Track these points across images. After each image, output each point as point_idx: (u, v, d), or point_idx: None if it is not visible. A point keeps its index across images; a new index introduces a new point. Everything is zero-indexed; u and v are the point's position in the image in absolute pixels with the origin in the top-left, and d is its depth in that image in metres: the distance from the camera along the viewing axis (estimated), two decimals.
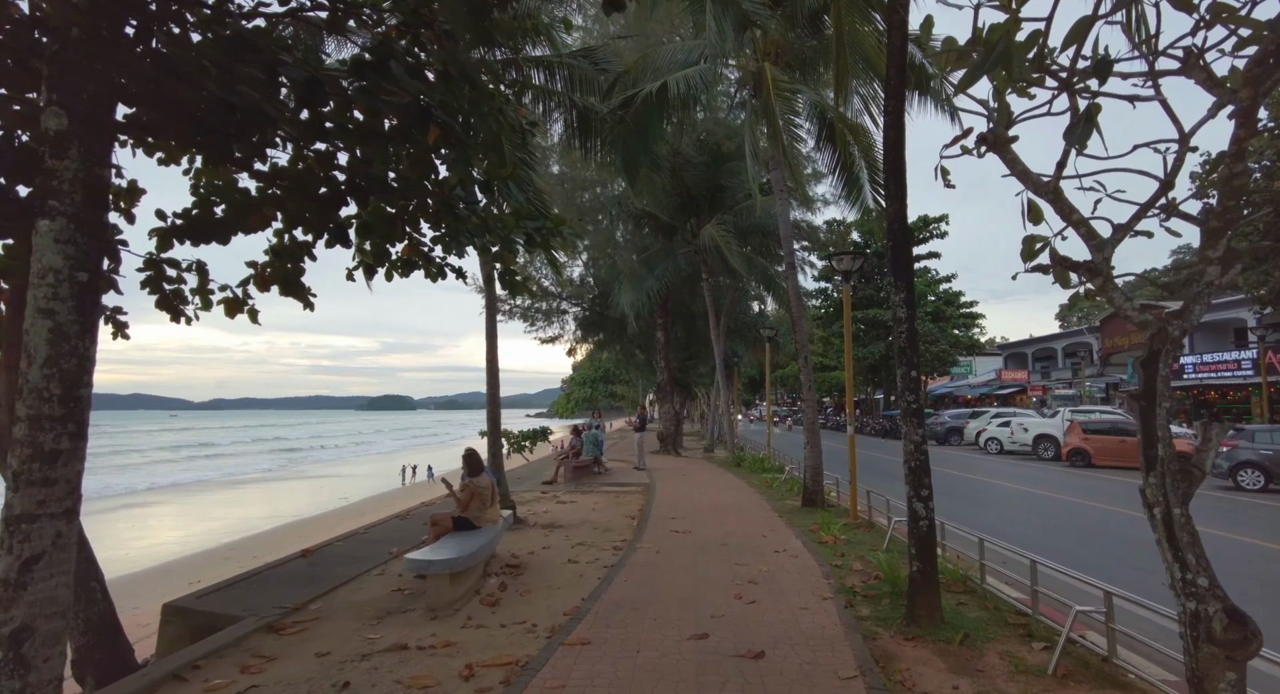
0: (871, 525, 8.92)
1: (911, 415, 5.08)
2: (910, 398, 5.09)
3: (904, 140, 5.35)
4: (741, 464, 17.40)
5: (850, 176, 12.29)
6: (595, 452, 15.41)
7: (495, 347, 9.75)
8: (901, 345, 5.10)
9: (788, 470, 14.62)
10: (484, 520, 6.49)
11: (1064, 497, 12.91)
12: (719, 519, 9.41)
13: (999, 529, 9.43)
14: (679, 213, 18.72)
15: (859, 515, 9.24)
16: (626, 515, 10.10)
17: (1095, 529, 9.67)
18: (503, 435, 19.22)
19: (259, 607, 5.33)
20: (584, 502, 11.58)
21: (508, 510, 7.72)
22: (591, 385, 48.03)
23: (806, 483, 10.43)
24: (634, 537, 8.34)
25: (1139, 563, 7.53)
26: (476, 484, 6.40)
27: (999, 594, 5.60)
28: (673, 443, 21.35)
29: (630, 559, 6.97)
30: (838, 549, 7.54)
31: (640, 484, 13.64)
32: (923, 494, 5.02)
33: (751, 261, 18.65)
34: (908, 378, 5.10)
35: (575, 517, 10.07)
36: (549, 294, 24.54)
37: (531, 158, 10.11)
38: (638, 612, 5.20)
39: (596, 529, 9.05)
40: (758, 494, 12.22)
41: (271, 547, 14.23)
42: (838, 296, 45.67)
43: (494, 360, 9.71)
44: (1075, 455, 19.03)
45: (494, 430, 9.65)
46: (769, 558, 7.04)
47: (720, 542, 7.86)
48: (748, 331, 26.77)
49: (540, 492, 12.57)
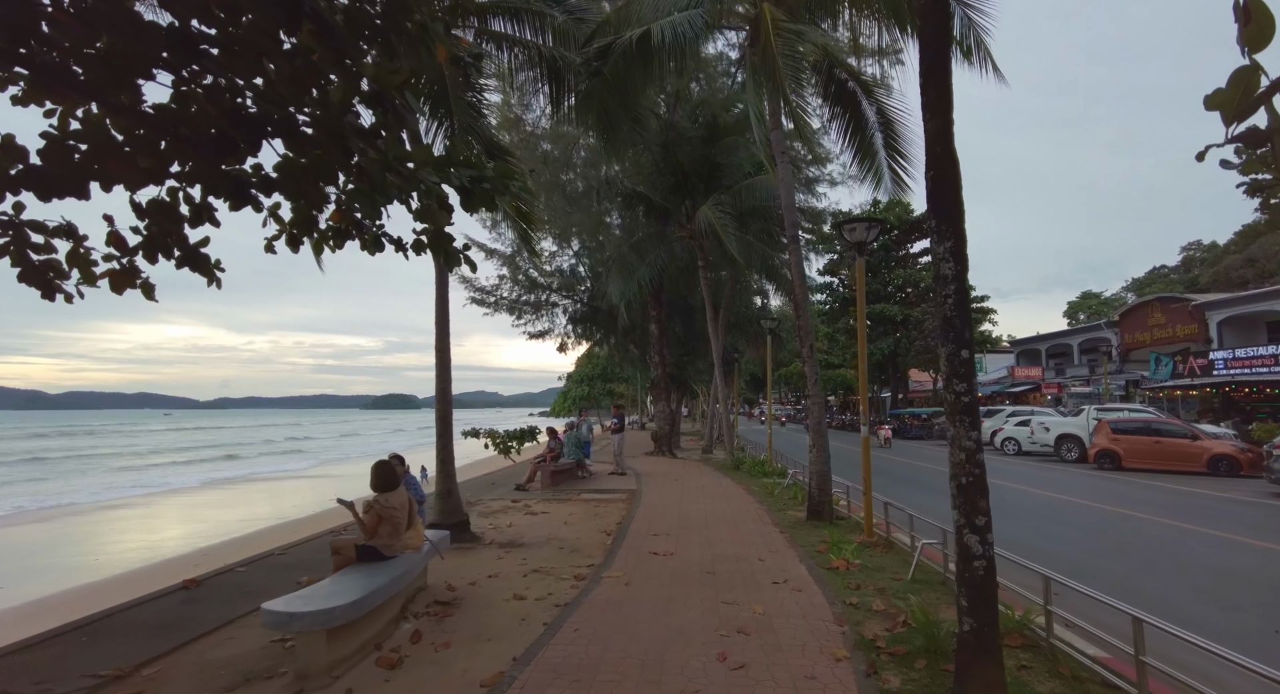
0: (890, 545, 7.47)
1: (962, 413, 3.63)
2: (960, 387, 3.64)
3: (949, 32, 3.89)
4: (740, 467, 15.95)
5: (863, 142, 10.82)
6: (578, 454, 13.98)
7: (446, 330, 8.32)
8: (948, 314, 3.65)
9: (791, 475, 13.16)
10: (397, 548, 5.06)
11: (1103, 505, 11.41)
12: (709, 536, 7.96)
13: (1035, 547, 7.96)
14: (672, 194, 17.22)
15: (874, 532, 7.78)
16: (602, 530, 8.67)
17: (1154, 549, 8.19)
18: (487, 435, 17.93)
19: (65, 673, 3.91)
20: (557, 512, 10.14)
21: (443, 531, 6.29)
22: (590, 383, 46.60)
23: (812, 492, 8.98)
24: (603, 560, 6.91)
25: (1229, 598, 6.05)
26: (385, 504, 4.97)
27: (1077, 656, 4.14)
28: (668, 444, 19.89)
29: (591, 596, 5.53)
30: (851, 578, 6.09)
31: (625, 491, 12.21)
32: (978, 523, 3.57)
33: (751, 248, 17.15)
34: (956, 360, 3.64)
35: (542, 531, 8.64)
36: (537, 285, 23.13)
37: (480, 99, 8.73)
38: (579, 687, 3.76)
39: (562, 549, 7.62)
40: (756, 503, 10.77)
41: (246, 551, 12.84)
42: (844, 291, 44.12)
43: (445, 346, 8.27)
44: (1103, 457, 17.51)
45: (444, 431, 8.21)
46: (766, 593, 5.60)
47: (707, 568, 6.42)
48: (749, 326, 25.27)
49: (510, 501, 11.15)
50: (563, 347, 24.86)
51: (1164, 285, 53.95)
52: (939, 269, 3.69)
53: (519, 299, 22.84)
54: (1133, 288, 70.72)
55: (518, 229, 10.46)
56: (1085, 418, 20.26)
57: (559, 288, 23.28)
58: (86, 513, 18.94)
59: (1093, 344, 37.50)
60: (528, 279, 22.73)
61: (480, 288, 22.03)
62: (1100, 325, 36.86)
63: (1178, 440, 16.41)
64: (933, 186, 3.77)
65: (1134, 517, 10.30)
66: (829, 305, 44.92)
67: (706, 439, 23.35)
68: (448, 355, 8.28)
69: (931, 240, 3.79)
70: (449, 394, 8.25)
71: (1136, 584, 6.54)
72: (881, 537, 7.77)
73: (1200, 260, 64.83)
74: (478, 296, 21.88)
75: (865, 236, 7.86)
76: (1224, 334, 27.34)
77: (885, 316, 39.70)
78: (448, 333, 8.34)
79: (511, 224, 10.03)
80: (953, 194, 3.73)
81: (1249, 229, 60.47)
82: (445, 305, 8.32)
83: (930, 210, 3.78)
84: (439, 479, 8.09)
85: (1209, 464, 15.58)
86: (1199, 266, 62.66)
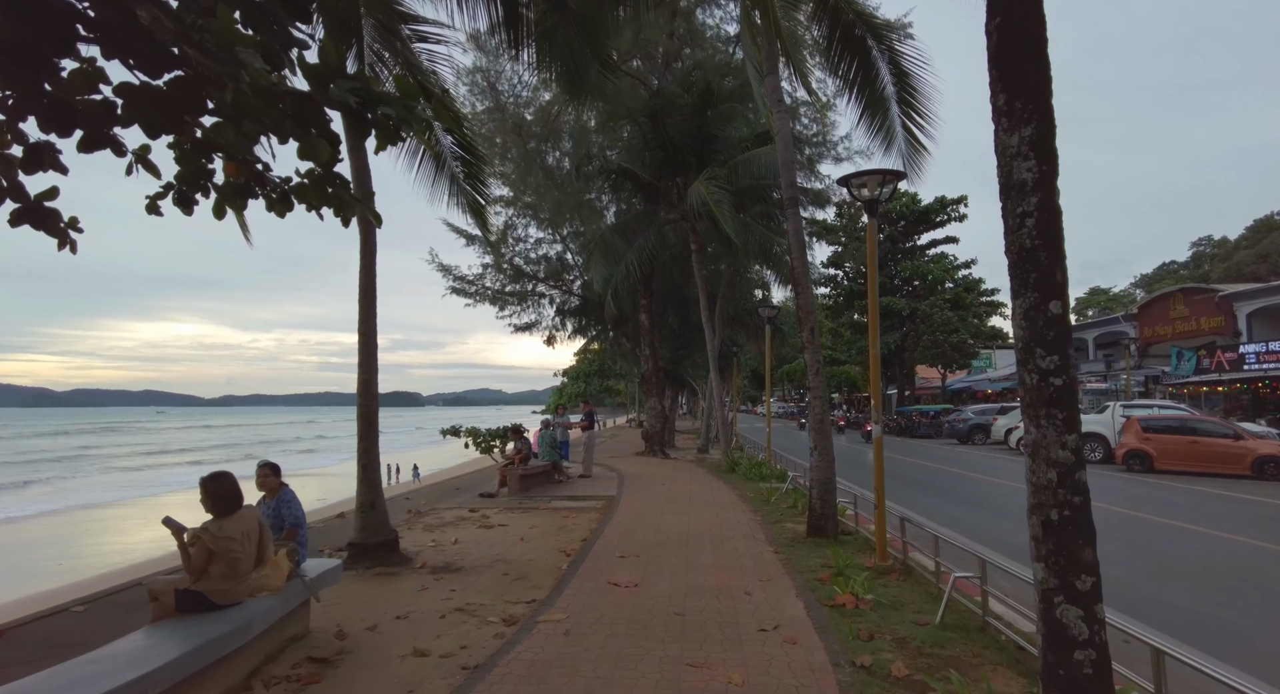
0: (909, 571, 6.05)
1: (1049, 404, 2.22)
2: (1047, 362, 2.23)
3: None
4: (736, 470, 14.53)
5: (873, 97, 9.39)
6: (552, 456, 12.58)
7: (373, 308, 6.90)
8: (1026, 245, 2.24)
9: (791, 478, 11.75)
10: (238, 593, 3.67)
11: (1145, 514, 9.97)
12: (687, 558, 6.56)
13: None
14: (662, 171, 15.75)
15: (889, 555, 6.36)
16: (562, 549, 7.27)
17: (1228, 572, 6.74)
18: (468, 434, 16.55)
19: None
20: (517, 525, 8.75)
21: (332, 561, 4.90)
22: (586, 380, 45.24)
23: (814, 502, 7.56)
24: (550, 593, 5.51)
25: None
26: (218, 533, 3.58)
27: None
28: (659, 443, 18.47)
29: (513, 653, 4.13)
30: (862, 622, 4.68)
31: (602, 497, 10.81)
32: (1080, 586, 2.16)
33: (750, 230, 15.68)
34: (1040, 318, 2.23)
35: (490, 550, 7.25)
36: (523, 275, 21.73)
37: (416, 32, 7.33)
38: None
39: (506, 576, 6.23)
40: (749, 512, 9.36)
41: None
42: (848, 284, 42.55)
43: (370, 328, 6.86)
44: (1133, 458, 16.02)
45: (367, 431, 6.79)
46: (749, 647, 4.19)
47: (676, 607, 5.01)
48: (748, 319, 23.80)
49: (469, 510, 9.77)
50: (550, 340, 23.44)
51: (1174, 281, 52.42)
52: (1011, 172, 2.27)
53: (503, 289, 21.44)
54: (1141, 284, 69.50)
55: (467, 196, 9.05)
56: (1110, 415, 18.75)
57: (545, 277, 21.86)
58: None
59: (1109, 338, 35.90)
60: (512, 268, 21.33)
61: (461, 277, 20.65)
62: (1118, 318, 35.27)
63: (1218, 440, 14.90)
64: (1000, 43, 2.35)
65: (1188, 529, 8.85)
66: (833, 299, 43.32)
67: (702, 438, 21.93)
68: (373, 338, 6.89)
69: (998, 128, 2.37)
70: (374, 386, 6.86)
71: (1234, 625, 5.11)
72: (897, 559, 6.35)
73: (1211, 256, 63.47)
74: (458, 286, 20.50)
75: (878, 192, 6.42)
76: (1253, 327, 25.75)
77: (892, 310, 38.08)
78: (374, 311, 6.94)
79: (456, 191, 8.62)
80: (1033, 52, 2.31)
81: (1260, 224, 58.97)
82: (371, 277, 6.93)
83: (997, 81, 2.36)
84: (360, 490, 6.70)
85: (1254, 466, 14.07)
86: (1209, 262, 61.36)
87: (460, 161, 9.30)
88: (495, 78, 14.64)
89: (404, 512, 9.74)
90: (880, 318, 35.23)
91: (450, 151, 9.23)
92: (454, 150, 9.23)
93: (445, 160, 9.15)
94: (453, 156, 9.31)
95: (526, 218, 20.70)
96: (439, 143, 9.16)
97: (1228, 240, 63.00)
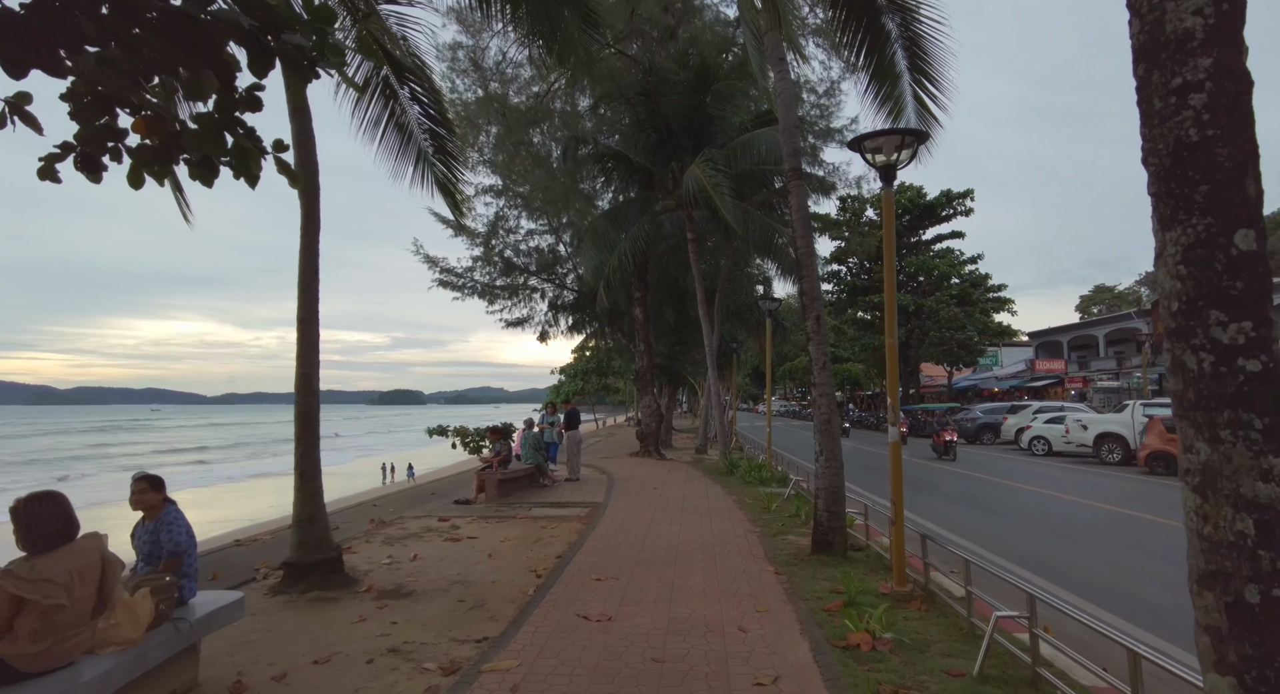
0: (931, 599, 5.15)
1: (1240, 404, 1.30)
2: (1234, 335, 1.31)
3: None
4: (734, 472, 13.63)
5: (880, 65, 8.46)
6: (536, 458, 11.68)
7: (315, 291, 6.01)
8: (1192, 138, 1.32)
9: (793, 482, 10.86)
10: (56, 655, 2.77)
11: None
12: (673, 582, 5.67)
13: (1130, 593, 5.65)
14: (656, 154, 14.81)
15: (907, 578, 5.46)
16: (532, 567, 6.37)
17: None
18: (456, 434, 15.65)
19: None
20: (489, 537, 7.86)
21: (233, 594, 4.01)
22: (584, 377, 44.28)
23: (820, 515, 6.66)
24: (507, 627, 4.62)
25: None
26: (29, 575, 2.68)
27: None
28: (654, 443, 17.55)
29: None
30: (882, 671, 3.80)
31: (587, 504, 9.91)
32: None
33: (750, 217, 14.74)
34: (1217, 259, 1.31)
35: (451, 569, 6.36)
36: (514, 268, 20.83)
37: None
38: None
39: (461, 602, 5.34)
40: (747, 522, 8.47)
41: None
42: (851, 280, 41.52)
43: (311, 314, 5.97)
44: (1156, 460, 15.10)
45: (306, 432, 5.88)
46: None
47: (655, 651, 4.12)
48: (748, 314, 22.88)
49: (439, 519, 8.87)
50: (543, 336, 22.56)
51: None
52: (1163, 21, 1.36)
53: (492, 282, 20.54)
54: (1146, 281, 68.82)
55: (436, 173, 8.14)
56: (1130, 414, 17.83)
57: (537, 270, 20.95)
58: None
59: (1122, 334, 34.95)
60: (503, 260, 20.42)
61: (449, 269, 19.76)
62: (1130, 314, 34.27)
63: None
64: None
65: None
66: (837, 295, 42.34)
67: (700, 438, 21.03)
68: (314, 327, 5.99)
69: None
70: (314, 381, 5.95)
71: None
72: (918, 583, 5.46)
73: None
74: (445, 278, 19.60)
75: (895, 156, 5.50)
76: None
77: (897, 306, 37.14)
78: (315, 295, 6.03)
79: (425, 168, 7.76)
80: None
81: (1269, 221, 58.20)
82: (313, 255, 6.03)
83: None
84: (297, 501, 5.80)
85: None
86: None
87: (428, 134, 8.42)
88: (480, 56, 13.72)
89: (367, 521, 8.85)
90: (882, 317, 34.17)
91: (417, 122, 8.35)
92: (421, 121, 8.35)
93: (411, 132, 8.26)
94: (420, 129, 8.43)
95: (517, 209, 19.81)
96: (404, 112, 8.28)
97: None
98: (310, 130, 6.31)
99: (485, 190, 19.21)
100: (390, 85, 8.05)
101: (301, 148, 6.17)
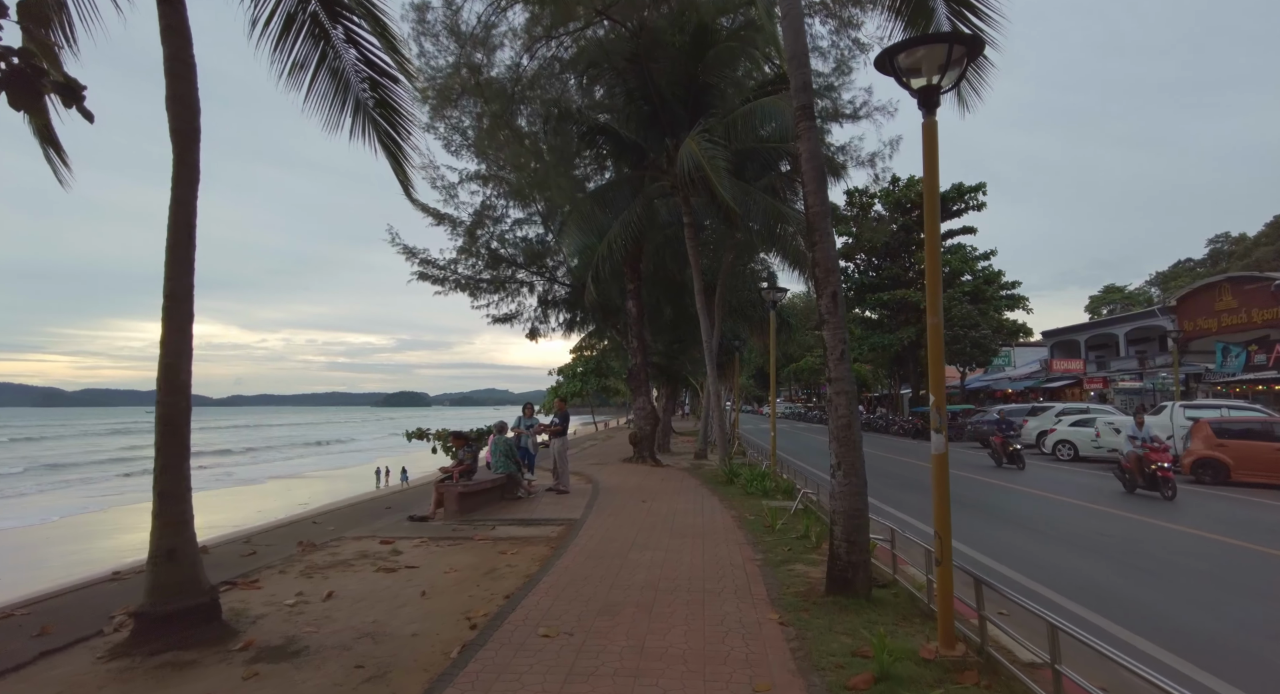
0: (993, 670, 3.76)
1: None
2: None
3: None
4: (734, 481, 12.24)
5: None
6: (508, 466, 10.33)
7: (190, 260, 4.67)
8: None
9: (801, 494, 9.48)
10: None
11: (1264, 547, 7.61)
12: (644, 641, 4.30)
13: (1231, 643, 4.25)
14: (648, 130, 13.46)
15: (955, 638, 4.07)
16: (469, 613, 5.00)
17: None
18: (438, 438, 14.31)
19: None
20: (433, 565, 6.50)
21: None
22: (581, 378, 42.92)
23: (837, 545, 5.26)
24: None
25: None
26: None
27: None
28: (649, 448, 16.15)
29: None
30: None
31: (561, 522, 8.54)
32: None
33: (751, 198, 13.37)
34: None
35: (367, 615, 5.00)
36: (500, 260, 19.50)
37: None
38: None
39: (360, 670, 3.98)
40: (746, 546, 7.08)
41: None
42: (859, 277, 39.94)
43: (184, 289, 4.62)
44: (1203, 468, 13.64)
45: (169, 441, 4.52)
46: None
47: None
48: (751, 311, 21.47)
49: (380, 540, 7.52)
50: (533, 333, 21.23)
51: (1191, 278, 50.07)
52: None
53: (477, 275, 19.22)
54: (1156, 281, 67.40)
55: (378, 130, 6.82)
56: (1168, 417, 16.36)
57: (525, 262, 19.63)
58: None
59: (1141, 333, 33.37)
60: (488, 251, 19.10)
61: (429, 261, 18.46)
62: (1154, 312, 32.67)
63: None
64: None
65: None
66: (845, 293, 40.87)
67: (699, 441, 19.63)
68: (185, 304, 4.64)
69: None
70: (183, 373, 4.59)
71: None
72: (971, 644, 4.08)
73: (1229, 253, 61.29)
74: (425, 270, 18.30)
75: (937, 77, 4.12)
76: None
77: (906, 303, 35.60)
78: (189, 265, 4.69)
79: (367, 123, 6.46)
80: None
81: (1266, 226, 56.63)
82: (187, 212, 4.69)
83: None
84: (155, 530, 4.44)
85: None
86: (1227, 259, 59.29)
87: (368, 83, 7.10)
88: (453, 19, 12.40)
89: (295, 542, 7.50)
90: (894, 312, 32.44)
91: (353, 68, 7.04)
92: (358, 67, 7.04)
93: (346, 77, 6.94)
94: (359, 77, 7.11)
95: (505, 198, 18.52)
96: (339, 57, 6.98)
97: (1246, 236, 60.96)
98: (188, 57, 4.97)
99: (470, 177, 17.95)
100: (320, 22, 6.76)
101: (175, 76, 4.85)
